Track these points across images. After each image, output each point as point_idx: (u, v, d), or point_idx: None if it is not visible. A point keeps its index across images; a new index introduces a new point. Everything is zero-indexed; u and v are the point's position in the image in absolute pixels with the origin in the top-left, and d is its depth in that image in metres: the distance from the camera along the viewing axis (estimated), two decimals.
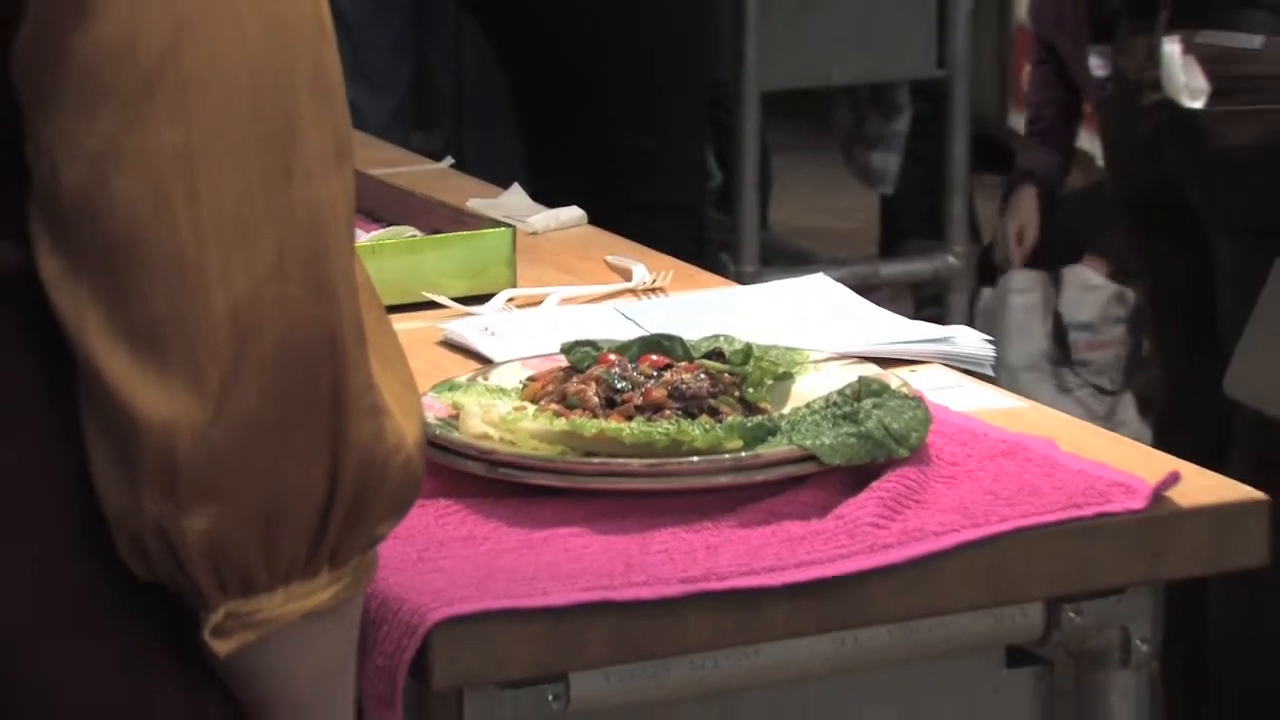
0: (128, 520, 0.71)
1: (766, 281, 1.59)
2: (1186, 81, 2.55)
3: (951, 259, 2.84)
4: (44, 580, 0.73)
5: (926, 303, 3.03)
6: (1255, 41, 2.37)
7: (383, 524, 0.77)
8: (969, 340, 1.19)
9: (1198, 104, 2.45)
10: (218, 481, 0.71)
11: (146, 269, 0.69)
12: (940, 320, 1.75)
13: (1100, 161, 2.97)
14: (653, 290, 1.38)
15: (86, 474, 0.72)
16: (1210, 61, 2.34)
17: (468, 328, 1.29)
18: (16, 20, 0.67)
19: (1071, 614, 1.00)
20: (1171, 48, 2.32)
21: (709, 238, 2.70)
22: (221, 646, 0.73)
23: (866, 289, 1.62)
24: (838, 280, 1.35)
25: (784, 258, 3.13)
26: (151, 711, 0.75)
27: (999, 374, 1.41)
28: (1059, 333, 2.92)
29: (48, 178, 0.70)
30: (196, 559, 0.72)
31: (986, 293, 2.95)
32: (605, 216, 1.60)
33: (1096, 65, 2.60)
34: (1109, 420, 2.90)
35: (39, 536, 0.72)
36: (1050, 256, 2.89)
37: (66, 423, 0.72)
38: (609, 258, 1.51)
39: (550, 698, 0.94)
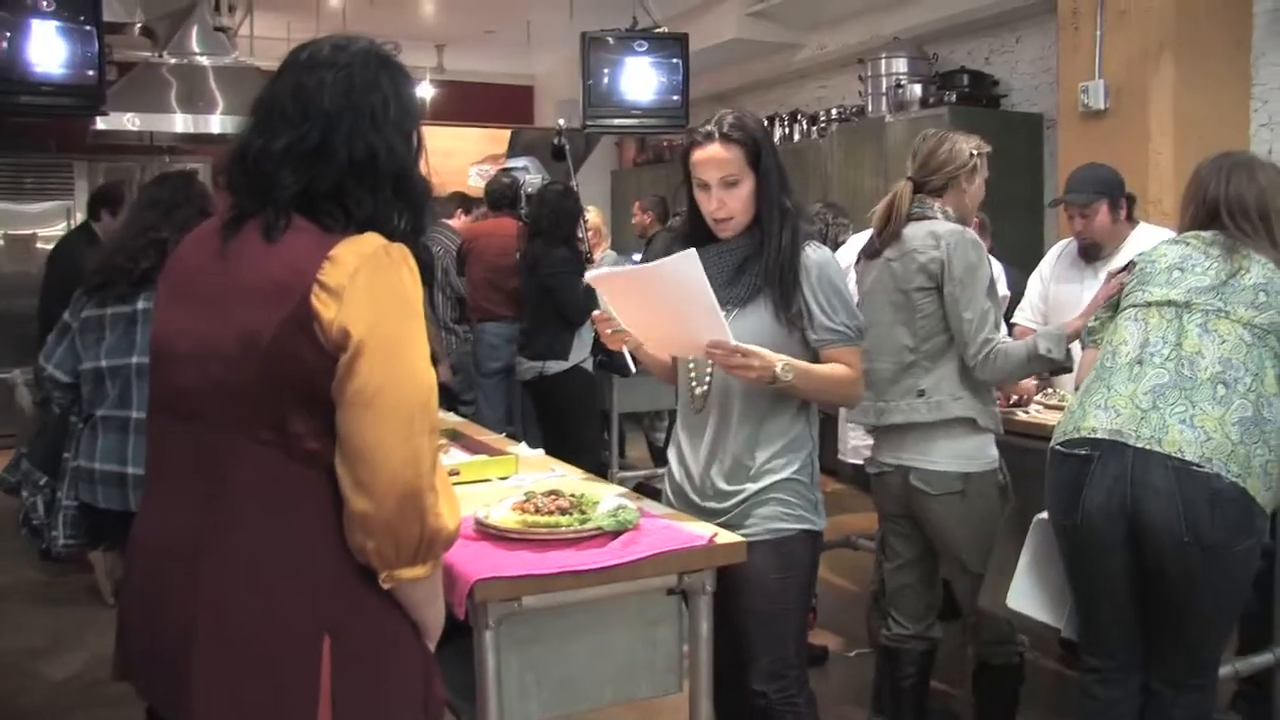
0: (353, 545, 1.63)
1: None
2: None
3: None
4: (338, 567, 1.65)
5: None
6: None
7: (441, 552, 1.68)
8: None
9: None
10: (376, 533, 1.61)
11: (358, 460, 1.59)
12: None
13: None
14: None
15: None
16: None
17: (500, 485, 2.71)
18: (331, 382, 1.60)
19: (686, 577, 2.23)
20: None
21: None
22: (384, 586, 1.66)
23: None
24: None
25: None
26: (379, 601, 1.67)
27: None
28: None
29: (337, 427, 1.61)
30: (371, 557, 1.64)
31: None
32: (554, 454, 3.21)
33: None
34: None
35: (341, 550, 1.64)
36: None
37: (338, 508, 1.62)
38: (553, 465, 3.09)
39: (515, 605, 2.06)
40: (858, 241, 4.12)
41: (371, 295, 1.61)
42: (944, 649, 3.58)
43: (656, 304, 2.50)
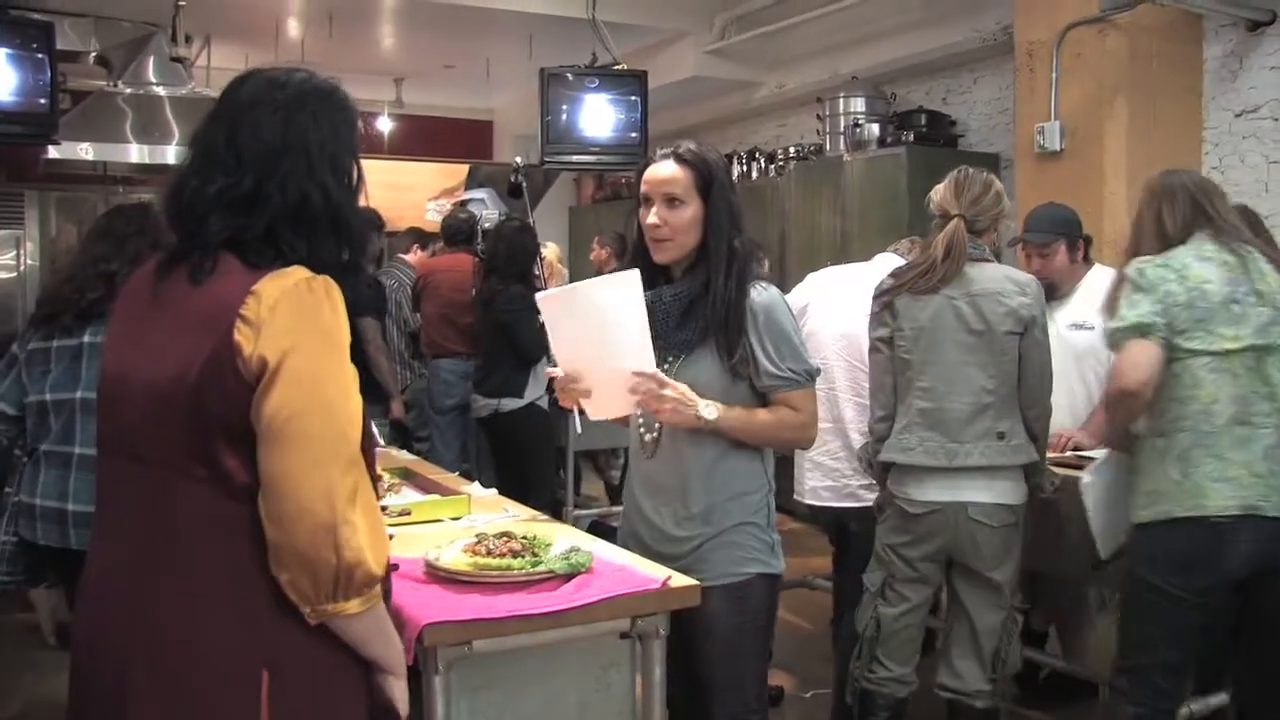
0: (276, 577, 1.62)
1: None
2: None
3: None
4: (277, 602, 1.63)
5: None
6: None
7: (365, 588, 1.63)
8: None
9: None
10: (289, 564, 1.60)
11: (271, 489, 1.59)
12: None
13: None
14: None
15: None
16: None
17: (451, 525, 2.69)
18: (249, 406, 1.59)
19: (640, 621, 2.19)
20: None
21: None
22: (310, 621, 1.63)
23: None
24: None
25: None
26: (320, 637, 1.65)
27: None
28: None
29: (258, 461, 1.61)
30: (291, 590, 1.62)
31: None
32: (509, 491, 3.18)
33: None
34: None
35: (266, 582, 1.63)
36: None
37: (263, 537, 1.61)
38: (505, 505, 2.97)
39: (465, 650, 2.02)
40: (817, 279, 4.09)
41: (289, 325, 1.62)
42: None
43: (590, 330, 2.47)
